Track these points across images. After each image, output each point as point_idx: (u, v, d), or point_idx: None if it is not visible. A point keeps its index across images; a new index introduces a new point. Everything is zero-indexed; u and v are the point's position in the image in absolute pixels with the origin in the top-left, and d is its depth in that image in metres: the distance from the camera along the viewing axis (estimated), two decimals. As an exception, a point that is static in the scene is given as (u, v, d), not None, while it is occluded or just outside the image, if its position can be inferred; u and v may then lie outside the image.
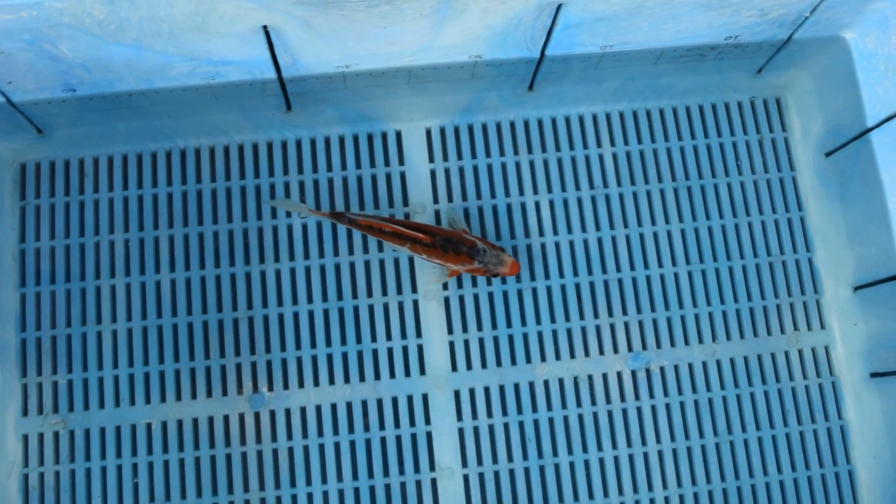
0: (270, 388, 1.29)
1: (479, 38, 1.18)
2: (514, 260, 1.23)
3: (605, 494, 1.30)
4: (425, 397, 1.30)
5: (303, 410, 1.29)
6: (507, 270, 1.22)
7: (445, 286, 1.33)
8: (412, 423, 1.30)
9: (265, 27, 1.10)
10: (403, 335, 1.32)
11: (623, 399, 1.33)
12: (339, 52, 1.18)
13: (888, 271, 1.27)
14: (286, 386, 1.29)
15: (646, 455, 1.31)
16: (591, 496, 1.29)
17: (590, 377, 1.33)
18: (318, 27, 1.11)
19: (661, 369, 1.34)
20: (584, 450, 1.31)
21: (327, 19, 1.09)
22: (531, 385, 1.32)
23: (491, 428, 1.30)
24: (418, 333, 1.32)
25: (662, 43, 1.25)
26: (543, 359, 1.33)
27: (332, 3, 1.06)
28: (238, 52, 1.15)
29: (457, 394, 1.31)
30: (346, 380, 1.30)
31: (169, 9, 1.04)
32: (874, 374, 1.32)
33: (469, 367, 1.32)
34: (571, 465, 1.30)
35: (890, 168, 1.25)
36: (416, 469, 1.28)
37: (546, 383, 1.32)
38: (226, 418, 1.28)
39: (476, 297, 1.33)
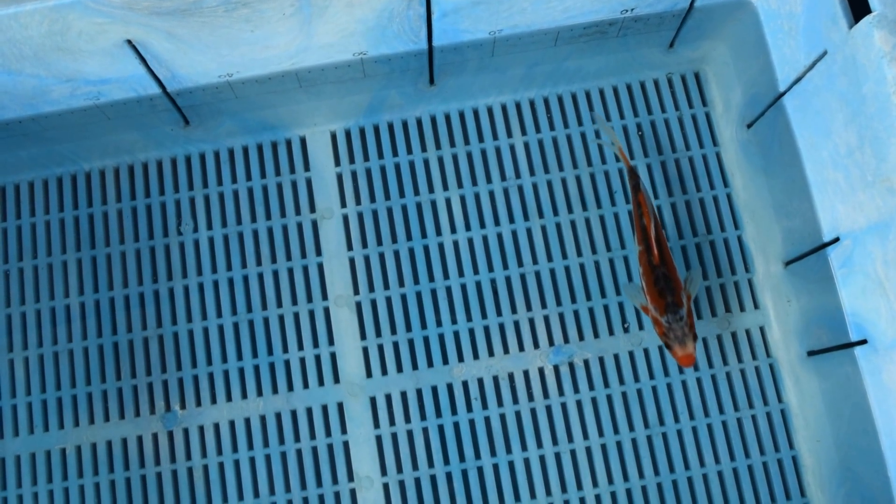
0: (183, 406, 1.28)
1: (355, 34, 1.15)
2: (692, 356, 1.09)
3: (532, 496, 1.25)
4: (340, 406, 1.27)
5: (216, 427, 1.27)
6: (678, 353, 1.09)
7: (357, 291, 1.30)
8: (328, 434, 1.27)
9: (129, 41, 1.09)
10: (315, 344, 1.29)
11: (546, 395, 1.28)
12: (215, 60, 1.16)
13: (813, 242, 1.20)
14: (199, 403, 1.28)
15: (573, 452, 1.26)
16: (517, 498, 1.25)
17: (510, 375, 1.28)
18: (183, 37, 1.09)
19: (585, 362, 1.29)
20: (508, 451, 1.26)
21: (189, 28, 1.08)
22: (449, 387, 1.28)
23: (409, 434, 1.27)
24: (330, 341, 1.29)
25: (555, 23, 1.21)
26: (461, 359, 1.29)
27: (187, 11, 1.04)
28: (111, 69, 1.14)
29: (373, 400, 1.27)
30: (259, 393, 1.28)
31: (24, 31, 1.04)
32: (811, 353, 1.25)
33: (384, 372, 1.28)
34: (495, 466, 1.26)
35: (804, 132, 1.19)
36: (335, 480, 1.25)
37: (465, 384, 1.28)
38: (139, 439, 1.27)
39: (388, 299, 1.30)
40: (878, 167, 1.06)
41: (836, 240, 1.15)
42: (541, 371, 1.28)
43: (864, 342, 1.12)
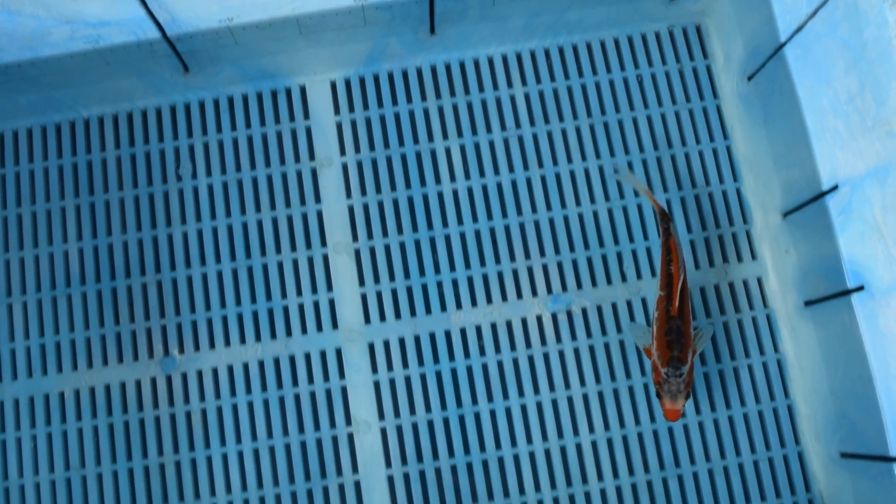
0: (181, 351, 1.28)
1: (356, -24, 1.15)
2: (679, 413, 1.08)
3: (529, 441, 1.26)
4: (338, 352, 1.28)
5: (214, 371, 1.27)
6: (666, 406, 1.08)
7: (356, 238, 1.30)
8: (326, 379, 1.27)
9: (129, -22, 1.08)
10: (314, 290, 1.29)
11: (544, 343, 1.28)
12: (216, 2, 1.16)
13: (812, 191, 1.21)
14: (197, 348, 1.28)
15: (570, 399, 1.27)
16: (513, 443, 1.25)
17: (508, 323, 1.28)
18: (183, -26, 1.09)
19: (584, 310, 1.29)
20: (505, 397, 1.27)
21: (189, -36, 1.07)
22: (447, 334, 1.28)
23: (407, 379, 1.27)
24: (329, 288, 1.29)
25: (556, -29, 1.21)
26: (459, 306, 1.29)
27: (187, -55, 1.04)
28: (111, 11, 1.14)
29: (371, 346, 1.28)
30: (258, 338, 1.28)
31: (24, -35, 1.03)
32: (808, 303, 1.26)
33: (382, 318, 1.28)
34: (492, 413, 1.26)
35: (804, 81, 1.19)
36: (332, 424, 1.26)
37: (463, 331, 1.28)
38: (138, 383, 1.27)
39: (387, 247, 1.30)
40: (878, 112, 1.06)
41: (835, 188, 1.16)
42: (539, 319, 1.29)
43: (860, 289, 1.12)
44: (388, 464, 1.25)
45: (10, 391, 1.27)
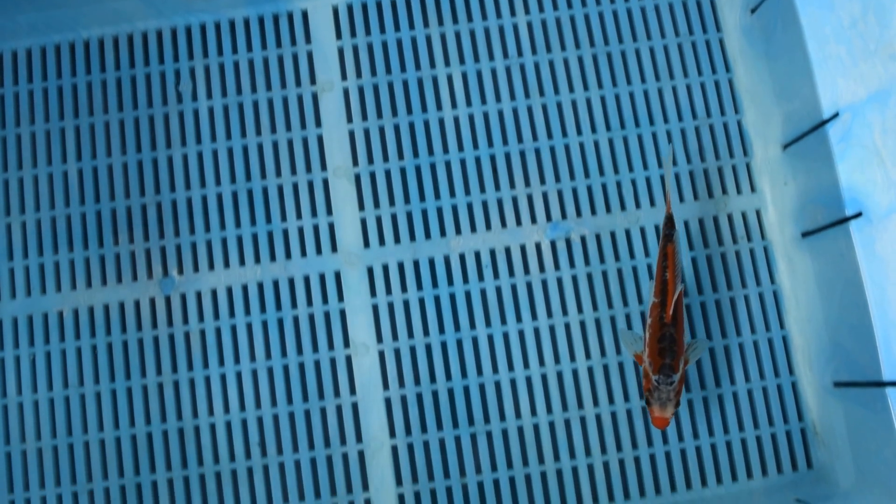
0: (181, 272, 1.28)
1: None
2: (667, 421, 1.08)
3: (526, 366, 1.26)
4: (338, 275, 1.28)
5: (213, 292, 1.27)
6: (654, 413, 1.08)
7: (356, 163, 1.30)
8: (325, 302, 1.27)
9: None
10: (314, 213, 1.29)
11: (542, 270, 1.29)
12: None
13: (813, 121, 1.21)
14: (196, 269, 1.28)
15: (567, 325, 1.28)
16: (510, 367, 1.26)
17: (507, 249, 1.29)
18: None
19: (582, 238, 1.30)
20: (503, 322, 1.27)
21: None
22: (446, 259, 1.29)
23: (406, 303, 1.28)
24: (329, 212, 1.29)
25: None
26: (459, 232, 1.29)
27: None
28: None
29: (370, 270, 1.28)
30: (257, 260, 1.28)
31: None
32: (805, 234, 1.26)
33: (382, 242, 1.29)
34: (490, 337, 1.27)
35: (807, 9, 1.19)
36: (331, 347, 1.26)
37: (462, 256, 1.29)
38: (137, 303, 1.27)
39: (388, 172, 1.30)
40: (881, 35, 1.06)
41: (836, 115, 1.16)
42: (538, 246, 1.29)
43: (858, 215, 1.13)
44: (386, 386, 1.26)
45: (8, 310, 1.27)
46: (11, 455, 1.23)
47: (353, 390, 1.25)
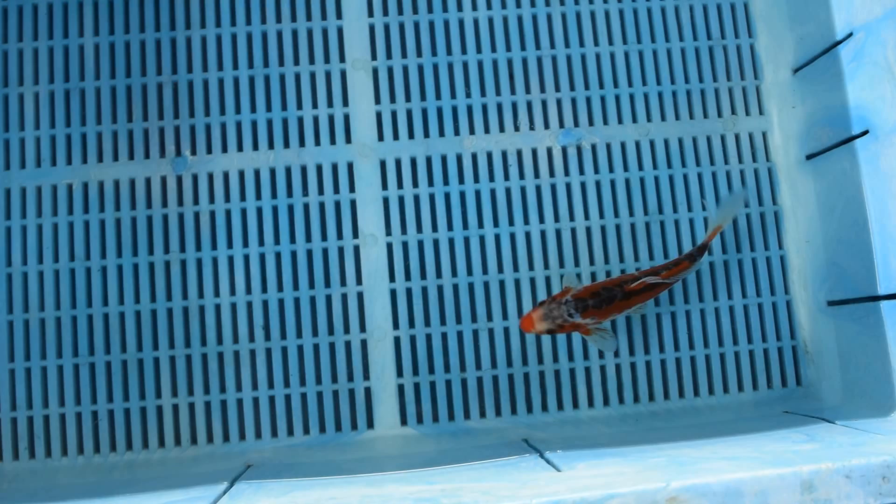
0: (193, 152, 1.28)
1: None
2: (530, 325, 1.12)
3: (531, 267, 1.28)
4: (350, 166, 1.29)
5: (225, 175, 1.28)
6: (532, 314, 1.13)
7: (374, 57, 1.31)
8: (336, 191, 1.28)
9: None
10: (330, 104, 1.30)
11: (552, 175, 1.31)
12: None
13: (826, 43, 1.23)
14: (209, 150, 1.28)
15: (573, 231, 1.30)
16: (515, 268, 1.28)
17: (519, 152, 1.30)
18: None
19: (593, 146, 1.31)
20: (511, 223, 1.29)
21: None
22: (458, 157, 1.30)
23: (416, 198, 1.29)
24: (345, 102, 1.30)
25: None
26: (472, 132, 1.30)
27: None
28: None
29: (382, 163, 1.29)
30: (271, 146, 1.28)
31: None
32: (810, 156, 1.29)
33: (396, 137, 1.30)
34: (497, 237, 1.29)
35: (828, -70, 1.20)
36: (339, 236, 1.27)
37: (474, 156, 1.30)
38: (147, 181, 1.27)
39: (405, 67, 1.31)
40: (901, -49, 1.09)
41: (849, 35, 1.18)
42: (549, 151, 1.31)
43: (865, 133, 1.16)
44: (392, 278, 1.27)
45: (17, 179, 1.26)
46: (14, 324, 1.23)
47: (359, 280, 1.26)
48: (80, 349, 1.23)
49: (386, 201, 1.28)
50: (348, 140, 1.28)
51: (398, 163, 1.29)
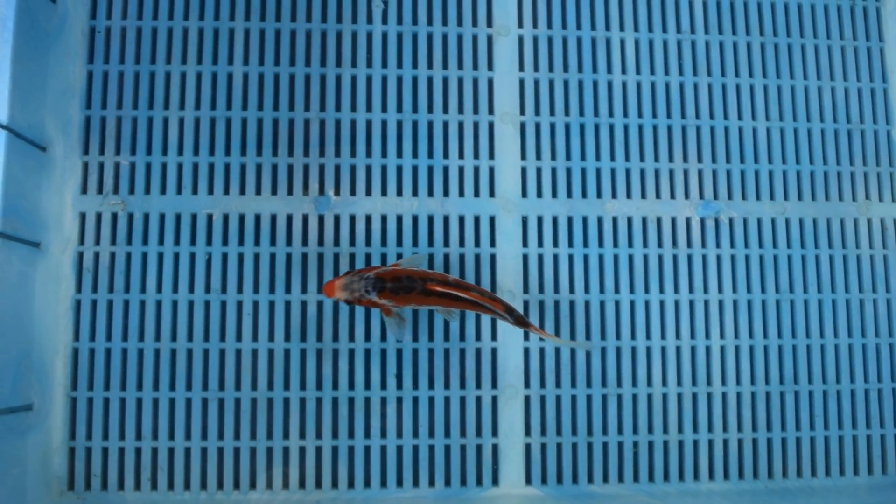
0: (337, 193, 1.27)
1: None
2: (331, 291, 1.10)
3: (663, 337, 1.29)
4: (492, 219, 1.28)
5: (367, 218, 1.26)
6: (335, 281, 1.11)
7: (523, 112, 1.30)
8: (477, 244, 1.27)
9: None
10: (476, 155, 1.29)
11: (689, 245, 1.31)
12: None
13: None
14: (353, 192, 1.27)
15: (706, 303, 1.30)
16: (647, 336, 1.28)
17: (658, 219, 1.30)
18: None
19: (731, 221, 1.32)
20: (646, 290, 1.29)
21: None
22: (599, 220, 1.30)
23: (555, 258, 1.28)
24: (491, 155, 1.29)
25: None
26: (614, 195, 1.30)
27: None
28: None
29: (524, 220, 1.28)
30: (415, 193, 1.27)
31: None
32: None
33: (539, 194, 1.29)
34: (632, 303, 1.29)
35: None
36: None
37: (614, 220, 1.30)
38: (289, 217, 1.26)
39: (552, 126, 1.31)
40: None
41: None
42: (688, 221, 1.31)
43: None
44: (526, 336, 1.26)
45: (157, 205, 1.24)
46: (143, 352, 1.21)
47: (493, 336, 1.26)
48: (210, 383, 1.21)
49: (525, 258, 1.27)
50: (492, 194, 1.28)
51: (539, 220, 1.28)
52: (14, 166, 1.11)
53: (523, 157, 1.30)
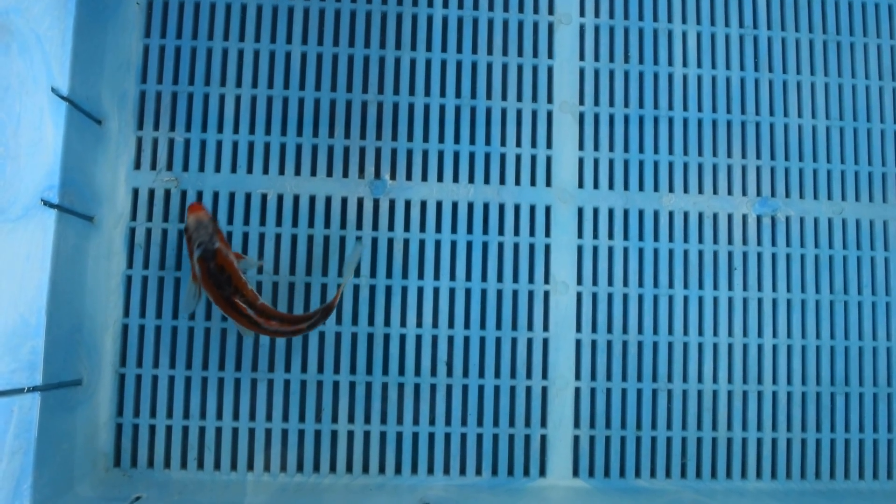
0: (393, 177, 1.25)
1: None
2: (195, 210, 1.09)
3: (715, 333, 1.27)
4: (548, 209, 1.27)
5: (423, 204, 1.25)
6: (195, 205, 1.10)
7: (582, 102, 1.28)
8: (532, 234, 1.26)
9: None
10: (534, 144, 1.28)
11: (745, 242, 1.29)
12: None
13: None
14: (409, 177, 1.25)
15: (760, 301, 1.29)
16: (700, 332, 1.27)
17: (715, 215, 1.29)
18: None
19: (787, 219, 1.30)
20: (700, 286, 1.28)
21: None
22: (655, 213, 1.28)
23: (610, 250, 1.27)
24: (549, 144, 1.28)
25: None
26: (671, 189, 1.29)
27: None
28: None
29: (580, 210, 1.27)
30: (471, 179, 1.26)
31: None
32: None
33: (596, 185, 1.28)
34: (685, 298, 1.27)
35: None
36: (531, 279, 1.25)
37: (671, 214, 1.28)
38: (344, 200, 1.24)
39: (612, 116, 1.29)
40: None
41: None
42: (744, 218, 1.30)
43: None
44: (579, 328, 1.25)
45: (211, 182, 1.23)
46: (194, 331, 1.20)
47: (545, 326, 1.25)
48: (260, 363, 1.20)
49: (580, 249, 1.26)
50: (548, 183, 1.27)
51: (595, 212, 1.27)
52: (73, 139, 1.10)
53: (581, 147, 1.28)
